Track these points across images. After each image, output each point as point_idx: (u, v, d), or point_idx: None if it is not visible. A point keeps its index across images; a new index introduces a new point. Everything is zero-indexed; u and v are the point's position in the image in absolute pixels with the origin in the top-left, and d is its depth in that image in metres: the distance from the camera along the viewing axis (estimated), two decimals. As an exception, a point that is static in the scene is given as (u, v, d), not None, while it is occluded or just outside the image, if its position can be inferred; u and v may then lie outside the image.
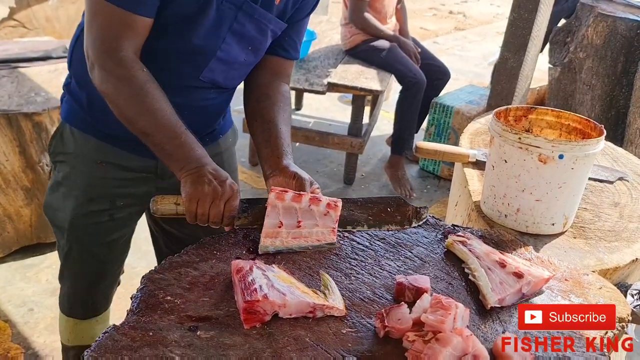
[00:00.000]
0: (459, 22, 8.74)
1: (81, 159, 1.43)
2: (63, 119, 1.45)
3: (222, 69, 1.34)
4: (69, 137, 1.43)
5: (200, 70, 1.31)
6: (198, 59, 1.30)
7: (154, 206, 1.21)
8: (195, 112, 1.37)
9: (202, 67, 1.31)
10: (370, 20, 3.64)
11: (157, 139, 1.21)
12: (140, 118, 1.20)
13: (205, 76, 1.33)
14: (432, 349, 0.89)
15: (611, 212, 1.60)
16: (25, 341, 2.23)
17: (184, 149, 1.21)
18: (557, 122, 1.56)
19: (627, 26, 3.01)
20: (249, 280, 1.00)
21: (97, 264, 1.56)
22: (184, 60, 1.30)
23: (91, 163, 1.41)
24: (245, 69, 1.42)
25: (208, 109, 1.43)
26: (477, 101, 3.74)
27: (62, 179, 1.46)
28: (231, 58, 1.33)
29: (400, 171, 3.67)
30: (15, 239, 2.65)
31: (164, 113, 1.20)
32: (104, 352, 0.88)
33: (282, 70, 1.48)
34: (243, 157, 3.91)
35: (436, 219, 1.36)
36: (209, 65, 1.31)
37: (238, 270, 1.04)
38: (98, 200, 1.45)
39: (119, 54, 1.18)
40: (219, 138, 1.55)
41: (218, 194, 1.17)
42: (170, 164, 1.23)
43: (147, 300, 1.00)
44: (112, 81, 1.19)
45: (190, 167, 1.20)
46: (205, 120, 1.46)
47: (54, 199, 1.51)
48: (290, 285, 1.03)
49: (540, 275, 1.12)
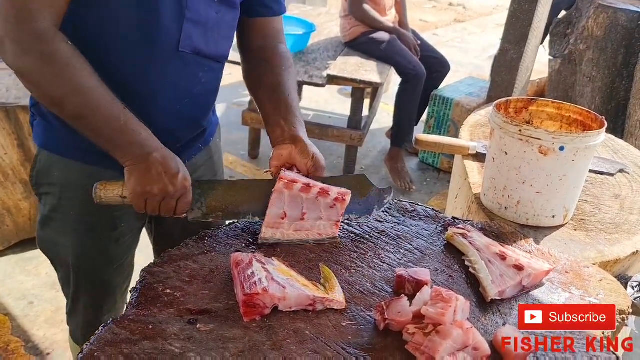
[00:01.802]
0: (458, 14, 8.71)
1: (70, 188, 1.27)
2: (39, 145, 1.27)
3: (199, 32, 1.19)
4: (50, 165, 1.26)
5: (175, 40, 1.16)
6: (168, 27, 1.14)
7: (96, 194, 1.12)
8: (192, 97, 1.26)
9: (175, 36, 1.15)
10: (370, 12, 3.62)
11: (93, 122, 1.07)
12: (69, 100, 1.05)
13: (185, 45, 1.17)
14: (432, 341, 0.89)
15: (612, 204, 1.59)
16: (25, 334, 2.23)
17: (125, 133, 1.08)
18: (557, 114, 1.55)
19: (628, 17, 2.99)
20: (249, 273, 1.00)
21: (108, 289, 1.42)
22: (155, 28, 1.13)
23: (82, 190, 1.22)
24: (225, 29, 1.26)
25: (203, 89, 1.29)
26: (477, 93, 3.74)
27: (51, 213, 1.30)
28: (202, 17, 1.18)
29: (400, 164, 3.66)
30: (14, 233, 2.65)
31: (97, 91, 1.06)
32: (104, 346, 0.88)
33: (270, 30, 1.37)
34: (242, 150, 3.90)
35: (436, 211, 1.35)
36: (183, 31, 1.15)
37: (237, 263, 1.03)
38: (99, 228, 1.31)
39: (35, 26, 1.01)
40: (210, 142, 1.44)
41: (169, 193, 1.10)
42: (111, 151, 1.10)
43: (146, 293, 1.00)
44: (30, 59, 1.02)
45: (135, 156, 1.09)
46: (202, 107, 1.33)
47: (49, 235, 1.35)
48: (290, 278, 1.02)
49: (540, 268, 1.11)
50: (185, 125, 1.30)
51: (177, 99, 1.23)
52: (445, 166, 3.80)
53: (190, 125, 1.32)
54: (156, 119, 1.19)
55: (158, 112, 1.21)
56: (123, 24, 1.11)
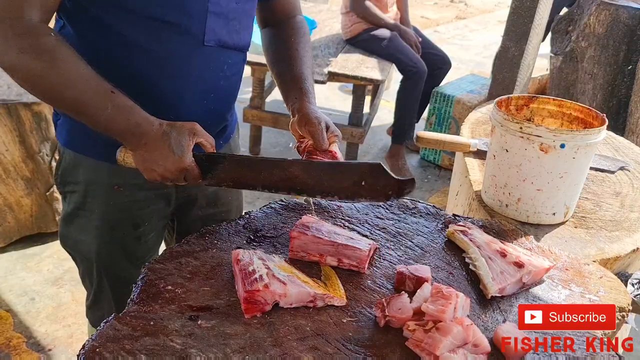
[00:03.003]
0: (460, 10, 8.69)
1: (95, 187, 1.29)
2: (64, 145, 1.29)
3: (221, 24, 1.20)
4: (76, 165, 1.28)
5: (201, 34, 1.17)
6: (193, 22, 1.16)
7: (120, 157, 1.14)
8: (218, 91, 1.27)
9: (200, 30, 1.17)
10: (371, 8, 3.62)
11: (85, 114, 1.08)
12: (60, 94, 1.05)
13: (210, 39, 1.19)
14: (432, 338, 0.89)
15: (612, 202, 1.60)
16: (26, 330, 2.24)
17: (115, 122, 1.07)
18: (558, 111, 1.55)
19: (630, 14, 2.98)
20: (250, 270, 1.00)
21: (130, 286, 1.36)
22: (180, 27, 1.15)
23: (107, 189, 1.28)
24: (245, 18, 1.28)
25: (228, 82, 1.30)
26: (478, 90, 3.73)
27: (75, 210, 1.32)
28: (224, 8, 1.19)
29: (400, 161, 3.66)
30: (16, 229, 2.66)
31: (84, 82, 1.05)
32: (105, 341, 0.88)
33: (286, 7, 1.41)
34: (244, 147, 3.90)
35: (437, 208, 1.36)
36: (207, 24, 1.17)
37: (238, 259, 1.04)
38: (121, 226, 1.33)
39: (22, 22, 1.01)
40: (230, 139, 1.44)
41: (169, 178, 1.11)
42: (112, 136, 1.10)
43: (148, 289, 1.00)
44: (16, 54, 1.01)
45: (130, 143, 1.10)
46: (227, 100, 1.35)
47: (71, 231, 1.36)
48: (291, 274, 1.03)
49: (540, 265, 1.11)
50: (211, 120, 1.29)
51: (204, 93, 1.24)
52: (446, 163, 3.80)
53: (216, 119, 1.33)
54: (183, 114, 1.20)
55: (185, 108, 1.22)
56: (147, 21, 1.11)
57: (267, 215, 1.27)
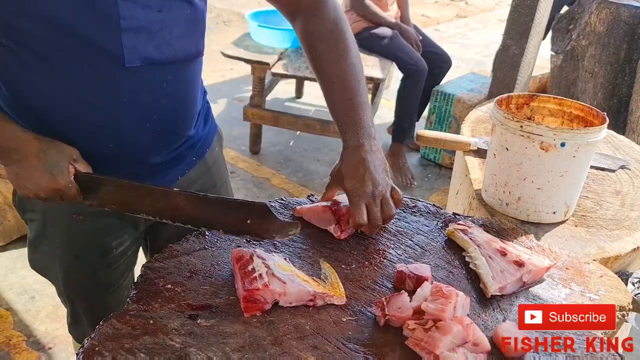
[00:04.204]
0: (460, 9, 8.68)
1: (53, 216, 1.20)
2: None
3: (144, 39, 1.01)
4: None
5: (120, 55, 1.00)
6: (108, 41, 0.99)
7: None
8: (161, 111, 1.11)
9: (118, 50, 0.99)
10: (372, 7, 3.61)
11: None
12: None
13: (132, 59, 1.01)
14: (432, 337, 0.89)
15: (613, 201, 1.59)
16: (26, 329, 2.24)
17: None
18: (559, 110, 1.55)
19: (631, 13, 2.98)
20: (249, 268, 1.00)
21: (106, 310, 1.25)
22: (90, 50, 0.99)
23: (65, 217, 1.17)
24: (179, 25, 1.07)
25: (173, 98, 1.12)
26: (478, 89, 3.73)
27: (37, 237, 1.26)
28: (141, 21, 1.00)
29: (401, 159, 3.66)
30: (16, 228, 2.66)
31: None
32: (105, 340, 0.88)
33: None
34: (244, 146, 3.90)
35: (437, 207, 1.35)
36: (123, 43, 0.99)
37: (238, 258, 1.03)
38: (87, 255, 1.24)
39: None
40: (205, 153, 1.31)
41: (43, 197, 1.03)
42: None
43: (147, 288, 1.00)
44: None
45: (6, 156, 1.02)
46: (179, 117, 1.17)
47: (38, 257, 1.31)
48: (291, 273, 1.02)
49: (541, 264, 1.11)
50: (163, 141, 1.17)
51: (143, 118, 1.10)
52: (447, 162, 3.80)
53: (170, 140, 1.19)
54: (126, 142, 1.10)
55: (125, 135, 1.10)
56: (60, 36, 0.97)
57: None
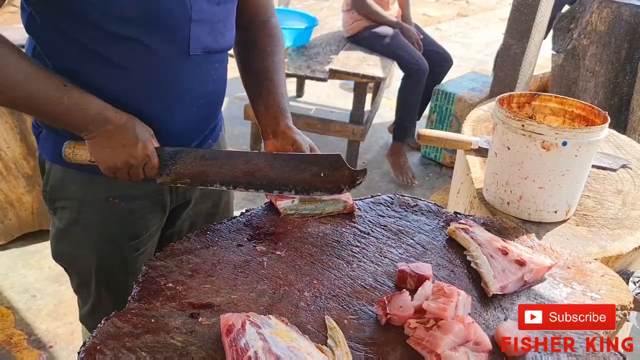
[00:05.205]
0: (461, 8, 8.67)
1: (89, 202, 1.24)
2: (51, 160, 1.22)
3: (207, 30, 1.15)
4: (67, 181, 1.23)
5: (185, 45, 1.13)
6: (176, 34, 1.11)
7: (65, 154, 1.12)
8: (206, 96, 1.24)
9: (184, 41, 1.13)
10: (373, 6, 3.61)
11: (40, 111, 1.06)
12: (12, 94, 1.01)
13: (195, 48, 1.14)
14: (433, 336, 0.89)
15: (614, 200, 1.59)
16: (27, 327, 2.24)
17: (73, 114, 1.05)
18: (560, 109, 1.55)
19: (632, 12, 2.97)
20: (241, 345, 0.86)
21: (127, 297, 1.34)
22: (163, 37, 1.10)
23: (101, 203, 1.23)
24: (229, 18, 1.23)
25: (216, 85, 1.26)
26: (479, 88, 3.73)
27: (69, 226, 1.27)
28: (207, 14, 1.14)
29: (402, 158, 3.66)
30: (17, 226, 2.66)
31: (33, 77, 1.01)
32: (106, 339, 0.88)
33: (260, 9, 1.33)
34: (245, 145, 3.90)
35: (438, 206, 1.35)
36: (191, 34, 1.12)
37: (228, 329, 0.88)
38: (121, 239, 1.29)
39: None
40: (219, 136, 1.41)
41: (132, 165, 1.10)
42: (69, 128, 1.09)
43: (148, 287, 1.00)
44: None
45: (90, 132, 1.07)
46: (216, 103, 1.31)
47: (66, 247, 1.31)
48: (291, 344, 0.88)
49: (542, 263, 1.11)
50: (201, 125, 1.28)
51: (193, 102, 1.21)
52: (448, 161, 3.80)
53: (205, 124, 1.30)
54: (173, 124, 1.19)
55: (175, 119, 1.19)
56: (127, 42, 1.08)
57: (268, 213, 1.26)
